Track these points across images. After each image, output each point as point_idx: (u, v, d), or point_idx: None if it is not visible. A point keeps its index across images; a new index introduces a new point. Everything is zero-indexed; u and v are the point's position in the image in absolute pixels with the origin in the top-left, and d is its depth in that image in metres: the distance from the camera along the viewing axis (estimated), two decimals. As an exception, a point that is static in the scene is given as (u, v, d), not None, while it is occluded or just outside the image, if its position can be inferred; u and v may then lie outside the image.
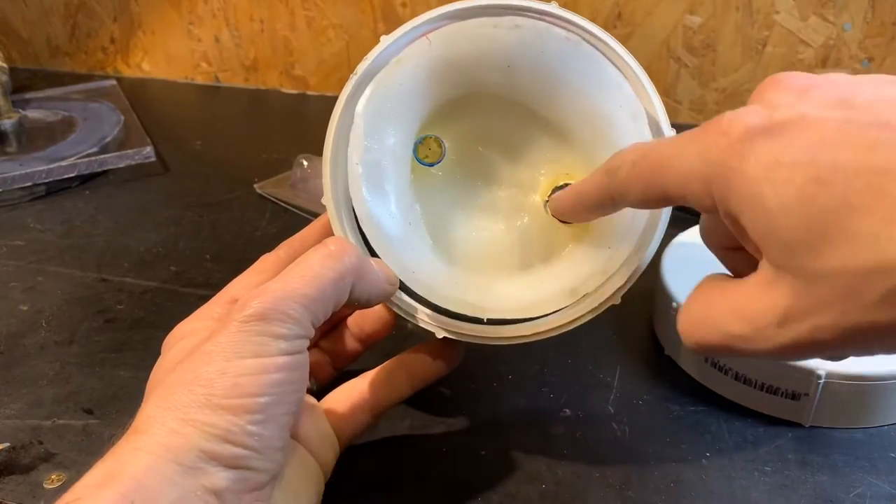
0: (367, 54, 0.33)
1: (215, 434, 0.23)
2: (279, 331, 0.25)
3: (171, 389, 0.24)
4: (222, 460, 0.23)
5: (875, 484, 0.32)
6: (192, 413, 0.24)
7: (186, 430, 0.23)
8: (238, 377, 0.24)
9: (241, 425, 0.24)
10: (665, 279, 0.40)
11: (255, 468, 0.24)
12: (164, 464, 0.23)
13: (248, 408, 0.24)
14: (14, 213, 0.57)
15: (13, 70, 0.78)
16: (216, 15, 0.83)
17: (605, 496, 0.32)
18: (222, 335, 0.25)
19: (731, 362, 0.36)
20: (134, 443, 0.23)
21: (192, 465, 0.23)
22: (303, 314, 0.25)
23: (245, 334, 0.25)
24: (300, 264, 0.27)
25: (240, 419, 0.24)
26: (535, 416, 0.36)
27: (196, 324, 0.30)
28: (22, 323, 0.44)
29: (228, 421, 0.24)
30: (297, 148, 0.62)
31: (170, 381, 0.25)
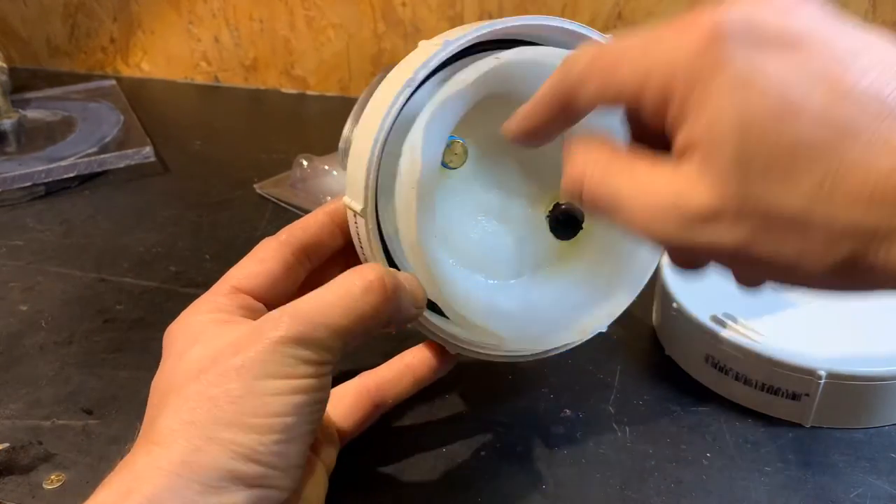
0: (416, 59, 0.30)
1: (242, 453, 0.23)
2: (311, 356, 0.25)
3: (195, 402, 0.24)
4: (246, 480, 0.23)
5: (875, 484, 0.32)
6: (219, 431, 0.23)
7: (212, 448, 0.23)
8: (267, 396, 0.24)
9: (266, 444, 0.23)
10: (665, 279, 0.40)
11: (276, 486, 0.24)
12: (186, 483, 0.22)
13: (274, 427, 0.24)
14: (14, 213, 0.57)
15: (13, 70, 0.78)
16: (216, 15, 0.83)
17: (605, 496, 0.32)
18: (252, 351, 0.24)
19: (731, 363, 0.36)
20: (154, 458, 0.23)
21: (216, 484, 0.23)
22: (335, 343, 0.25)
23: (277, 354, 0.24)
24: (339, 290, 0.26)
25: (266, 438, 0.23)
26: (535, 416, 0.36)
27: (202, 317, 0.28)
28: (21, 323, 0.44)
29: (255, 440, 0.23)
30: (297, 148, 0.62)
31: (193, 393, 0.24)
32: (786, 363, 0.34)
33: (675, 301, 0.38)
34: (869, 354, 0.34)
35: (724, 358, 0.36)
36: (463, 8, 0.75)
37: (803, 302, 0.38)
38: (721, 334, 0.36)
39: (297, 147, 0.62)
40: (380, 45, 0.78)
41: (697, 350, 0.37)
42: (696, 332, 0.37)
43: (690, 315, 0.37)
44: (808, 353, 0.34)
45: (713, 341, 0.36)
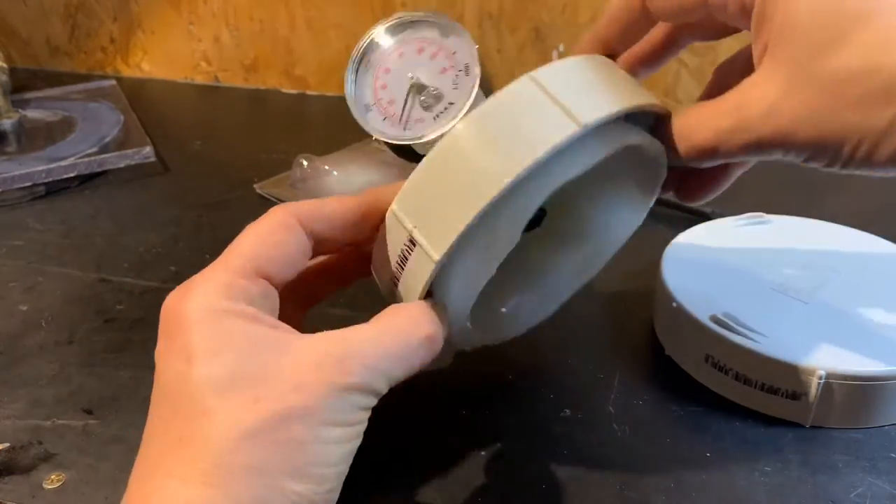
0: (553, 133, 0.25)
1: (297, 502, 0.22)
2: (367, 403, 0.24)
3: (259, 444, 0.22)
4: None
5: (875, 484, 0.32)
6: (281, 480, 0.22)
7: (273, 497, 0.22)
8: (332, 445, 0.23)
9: (321, 493, 0.23)
10: (665, 279, 0.40)
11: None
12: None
13: (331, 477, 0.23)
14: (14, 213, 0.57)
15: (13, 70, 0.78)
16: (216, 15, 0.83)
17: (605, 496, 0.32)
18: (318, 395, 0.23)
19: (731, 363, 0.36)
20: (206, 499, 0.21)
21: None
22: (385, 389, 0.25)
23: (345, 403, 0.23)
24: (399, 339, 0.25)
25: (322, 487, 0.23)
26: (535, 416, 0.36)
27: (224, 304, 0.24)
28: (22, 323, 0.44)
29: (312, 490, 0.23)
30: (297, 148, 0.62)
31: (251, 431, 0.22)
32: (786, 363, 0.34)
33: (674, 301, 0.38)
34: (869, 354, 0.34)
35: (724, 358, 0.36)
36: (463, 8, 0.75)
37: (803, 302, 0.38)
38: (721, 334, 0.36)
39: (297, 147, 0.62)
40: (380, 45, 0.78)
41: (697, 350, 0.37)
42: (696, 332, 0.37)
43: (690, 315, 0.37)
44: (808, 353, 0.34)
45: (713, 341, 0.36)
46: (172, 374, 0.24)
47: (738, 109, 0.25)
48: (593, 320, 0.44)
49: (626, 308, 0.45)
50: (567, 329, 0.43)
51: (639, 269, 0.46)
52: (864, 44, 0.22)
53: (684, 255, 0.42)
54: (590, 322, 0.44)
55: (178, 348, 0.24)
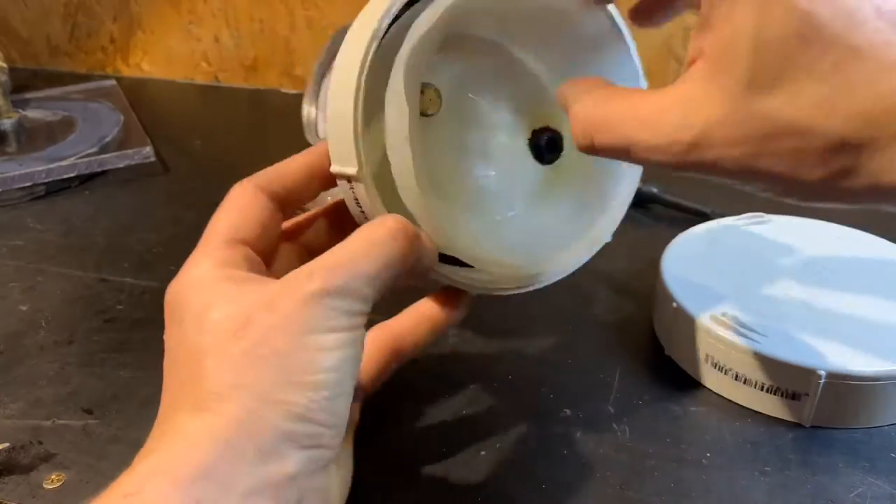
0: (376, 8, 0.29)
1: (296, 413, 0.22)
2: (350, 307, 0.24)
3: (240, 364, 0.23)
4: (300, 440, 0.23)
5: (875, 484, 0.32)
6: (270, 391, 0.22)
7: (265, 409, 0.22)
8: (315, 352, 0.23)
9: (318, 401, 0.23)
10: (665, 279, 0.40)
11: (327, 445, 0.24)
12: (240, 450, 0.22)
13: (325, 383, 0.23)
14: (14, 213, 0.57)
15: (13, 70, 0.78)
16: (216, 15, 0.83)
17: (605, 496, 0.32)
18: (291, 307, 0.23)
19: (731, 363, 0.36)
20: (203, 425, 0.22)
21: (271, 448, 0.22)
22: (369, 291, 0.25)
23: (319, 308, 0.24)
24: (366, 239, 0.26)
25: (317, 395, 0.23)
26: (535, 416, 0.36)
27: (210, 273, 0.26)
28: (22, 323, 0.44)
29: (307, 398, 0.23)
30: (297, 148, 0.61)
31: (237, 354, 0.23)
32: (786, 363, 0.34)
33: (675, 301, 0.38)
34: (869, 354, 0.34)
35: (724, 358, 0.36)
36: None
37: (803, 302, 0.38)
38: (721, 334, 0.36)
39: (297, 147, 0.62)
40: (380, 45, 0.78)
41: (697, 350, 0.37)
42: (696, 332, 0.37)
43: (690, 315, 0.37)
44: (808, 353, 0.34)
45: (713, 341, 0.36)
46: (175, 339, 0.26)
47: (660, 125, 0.23)
48: (593, 320, 0.44)
49: (626, 308, 0.45)
50: (567, 329, 0.43)
51: (639, 269, 0.46)
52: (807, 96, 0.20)
53: (684, 255, 0.43)
54: (590, 322, 0.44)
55: (178, 319, 0.26)
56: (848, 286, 0.40)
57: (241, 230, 0.29)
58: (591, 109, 0.25)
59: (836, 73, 0.20)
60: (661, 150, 0.23)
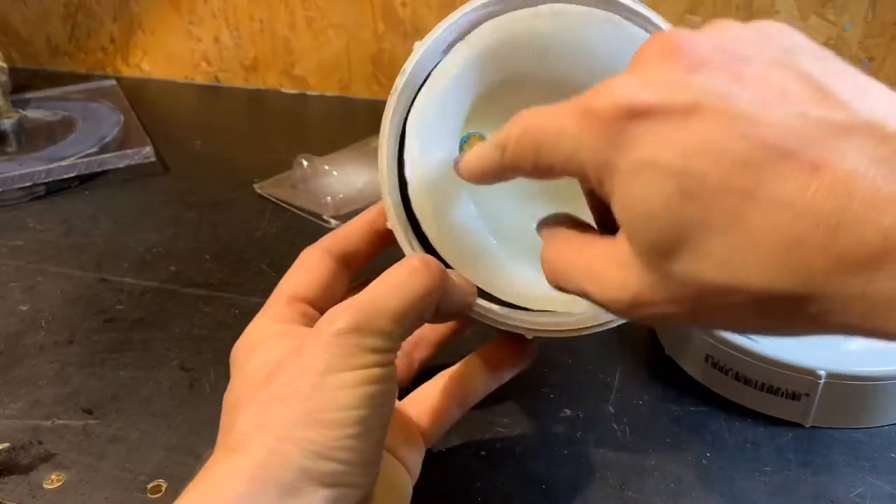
0: (402, 66, 0.31)
1: (314, 450, 0.23)
2: (374, 344, 0.24)
3: (267, 405, 0.24)
4: (321, 478, 0.23)
5: (875, 484, 0.32)
6: (292, 430, 0.23)
7: (286, 447, 0.23)
8: (336, 391, 0.23)
9: (339, 439, 0.23)
10: (665, 279, 0.40)
11: (353, 484, 0.24)
12: (263, 487, 0.22)
13: (346, 421, 0.23)
14: (14, 213, 0.57)
15: (13, 70, 0.78)
16: (216, 15, 0.83)
17: (605, 496, 0.32)
18: (314, 348, 0.24)
19: (731, 363, 0.36)
20: (231, 465, 0.23)
21: (292, 485, 0.22)
22: (393, 329, 0.25)
23: (340, 347, 0.24)
24: (388, 279, 0.26)
25: (338, 433, 0.23)
26: (535, 416, 0.36)
27: (264, 329, 0.28)
28: (22, 323, 0.44)
29: (326, 436, 0.23)
30: (297, 148, 0.62)
31: (264, 398, 0.24)
32: (786, 363, 0.34)
33: (675, 301, 0.38)
34: (869, 354, 0.34)
35: (724, 358, 0.36)
36: (463, 8, 0.75)
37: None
38: (721, 334, 0.36)
39: (297, 147, 0.62)
40: (380, 45, 0.78)
41: (697, 350, 0.37)
42: (696, 332, 0.37)
43: (690, 315, 0.37)
44: (808, 353, 0.34)
45: (713, 341, 0.36)
46: (227, 391, 0.27)
47: (604, 291, 0.23)
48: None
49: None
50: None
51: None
52: (715, 254, 0.19)
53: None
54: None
55: (232, 373, 0.28)
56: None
57: (303, 289, 0.30)
58: (553, 255, 0.26)
59: (735, 222, 0.18)
60: (609, 304, 0.23)
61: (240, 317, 0.44)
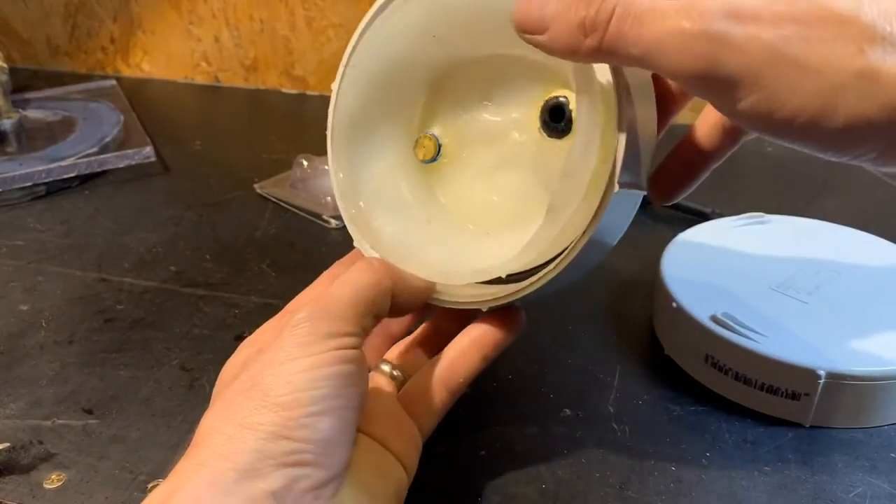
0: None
1: (271, 431, 0.24)
2: (327, 329, 0.26)
3: (229, 400, 0.25)
4: (279, 457, 0.23)
5: (875, 484, 0.32)
6: (249, 417, 0.24)
7: (243, 433, 0.24)
8: (291, 375, 0.25)
9: (294, 418, 0.24)
10: (665, 279, 0.40)
11: (314, 463, 0.24)
12: (222, 473, 0.23)
13: (301, 401, 0.24)
14: (14, 213, 0.57)
15: (13, 70, 0.78)
16: (216, 15, 0.83)
17: (605, 496, 0.32)
18: (275, 343, 0.26)
19: (731, 363, 0.36)
20: (194, 457, 0.24)
21: (249, 467, 0.23)
22: (346, 313, 0.27)
23: (296, 337, 0.26)
24: (341, 278, 0.29)
25: (294, 412, 0.24)
26: (535, 416, 0.36)
27: (255, 338, 0.30)
28: (22, 323, 0.44)
29: (282, 416, 0.24)
30: (297, 148, 0.62)
31: (229, 394, 0.25)
32: (785, 363, 0.34)
33: (674, 301, 0.38)
34: (869, 354, 0.34)
35: (724, 358, 0.36)
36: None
37: (803, 302, 0.38)
38: (721, 334, 0.36)
39: (297, 147, 0.62)
40: (380, 45, 0.78)
41: (697, 350, 0.37)
42: (696, 332, 0.37)
43: (690, 315, 0.37)
44: (808, 353, 0.34)
45: (713, 341, 0.36)
46: None
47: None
48: (593, 320, 0.44)
49: (626, 308, 0.45)
50: (567, 329, 0.43)
51: (639, 269, 0.46)
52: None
53: (684, 255, 0.43)
54: (590, 322, 0.44)
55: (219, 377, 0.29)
56: (848, 286, 0.40)
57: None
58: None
59: None
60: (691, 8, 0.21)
61: (240, 317, 0.44)
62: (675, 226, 0.48)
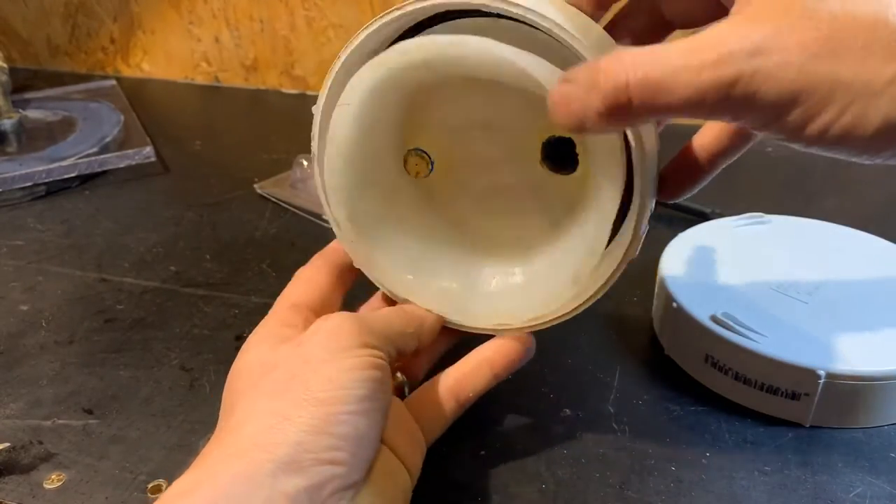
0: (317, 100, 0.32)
1: (312, 425, 0.24)
2: (363, 339, 0.27)
3: (266, 392, 0.25)
4: (317, 452, 0.24)
5: (875, 484, 0.32)
6: (289, 410, 0.24)
7: (284, 425, 0.24)
8: (336, 373, 0.25)
9: (337, 415, 0.24)
10: (665, 279, 0.40)
11: (345, 463, 0.24)
12: (258, 465, 0.23)
13: (345, 399, 0.25)
14: (14, 213, 0.57)
15: (13, 70, 0.78)
16: (216, 15, 0.83)
17: (605, 496, 0.32)
18: (314, 341, 0.27)
19: (730, 362, 0.36)
20: (227, 446, 0.24)
21: (289, 459, 0.23)
22: (378, 330, 0.29)
23: (338, 340, 0.27)
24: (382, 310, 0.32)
25: (337, 409, 0.24)
26: (535, 416, 0.36)
27: (269, 330, 0.30)
28: (22, 323, 0.44)
29: (325, 412, 0.24)
30: (297, 148, 0.62)
31: (266, 385, 0.26)
32: (785, 363, 0.34)
33: (674, 301, 0.38)
34: (869, 354, 0.34)
35: (724, 358, 0.36)
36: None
37: (803, 302, 0.38)
38: (721, 334, 0.36)
39: (297, 147, 0.62)
40: (380, 45, 0.78)
41: (697, 350, 0.37)
42: (696, 332, 0.37)
43: (690, 315, 0.37)
44: (808, 353, 0.34)
45: (713, 341, 0.36)
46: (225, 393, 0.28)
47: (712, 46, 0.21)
48: (593, 320, 0.44)
49: (626, 308, 0.45)
50: (567, 329, 0.43)
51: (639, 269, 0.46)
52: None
53: (684, 255, 0.42)
54: (590, 322, 0.44)
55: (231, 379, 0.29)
56: (848, 286, 0.40)
57: (304, 298, 0.32)
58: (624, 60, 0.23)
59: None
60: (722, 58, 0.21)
61: (240, 317, 0.44)
62: (675, 226, 0.48)
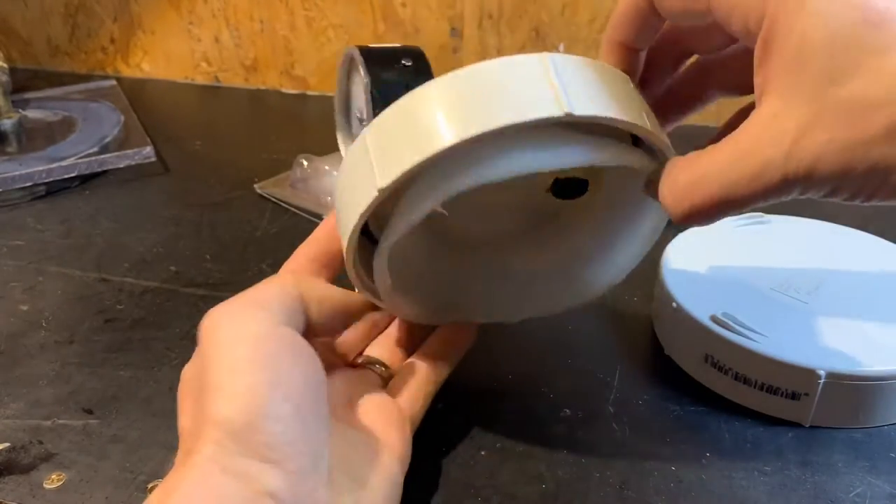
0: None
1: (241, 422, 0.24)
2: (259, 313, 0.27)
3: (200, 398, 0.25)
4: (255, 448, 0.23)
5: (875, 484, 0.32)
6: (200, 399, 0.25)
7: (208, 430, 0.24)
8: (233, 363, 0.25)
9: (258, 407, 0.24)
10: (665, 279, 0.40)
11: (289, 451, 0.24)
12: (212, 476, 0.23)
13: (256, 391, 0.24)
14: (14, 213, 0.57)
15: (13, 70, 0.78)
16: (216, 15, 0.83)
17: (605, 496, 0.32)
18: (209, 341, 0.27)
19: (730, 362, 0.36)
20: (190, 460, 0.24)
21: (235, 466, 0.23)
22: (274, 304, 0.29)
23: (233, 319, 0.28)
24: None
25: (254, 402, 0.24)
26: (535, 416, 0.36)
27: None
28: (22, 323, 0.44)
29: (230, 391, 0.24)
30: (297, 148, 0.62)
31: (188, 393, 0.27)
32: (785, 363, 0.34)
33: (674, 301, 0.38)
34: (869, 354, 0.34)
35: (724, 358, 0.36)
36: (463, 8, 0.75)
37: (803, 302, 0.38)
38: (721, 334, 0.36)
39: (297, 147, 0.62)
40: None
41: (697, 350, 0.37)
42: (696, 332, 0.37)
43: (690, 315, 0.37)
44: (808, 352, 0.34)
45: (713, 341, 0.36)
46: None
47: (751, 154, 0.23)
48: (593, 320, 0.44)
49: (626, 308, 0.45)
50: (567, 329, 0.43)
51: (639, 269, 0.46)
52: (885, 73, 0.21)
53: (684, 255, 0.42)
54: (590, 322, 0.44)
55: None
56: (847, 286, 0.40)
57: None
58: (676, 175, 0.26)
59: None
60: (760, 175, 0.23)
61: (240, 317, 0.44)
62: (675, 226, 0.48)
